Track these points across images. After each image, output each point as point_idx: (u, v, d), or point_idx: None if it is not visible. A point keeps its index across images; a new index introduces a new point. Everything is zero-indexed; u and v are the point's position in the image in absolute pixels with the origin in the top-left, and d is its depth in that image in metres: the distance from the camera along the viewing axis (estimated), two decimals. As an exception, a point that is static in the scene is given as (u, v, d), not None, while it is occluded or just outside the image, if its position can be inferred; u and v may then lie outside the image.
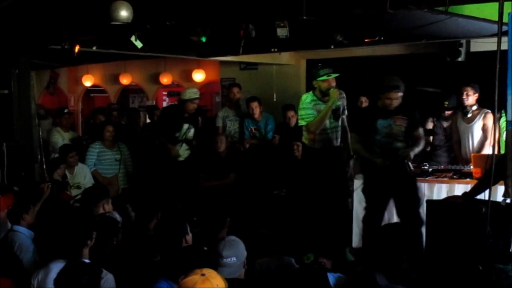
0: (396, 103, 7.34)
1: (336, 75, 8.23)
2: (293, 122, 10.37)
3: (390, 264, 5.11)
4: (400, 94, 7.32)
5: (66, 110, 11.33)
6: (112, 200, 6.78)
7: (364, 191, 7.86)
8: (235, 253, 4.97)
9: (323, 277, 4.70)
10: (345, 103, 8.43)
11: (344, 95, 8.39)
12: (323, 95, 8.18)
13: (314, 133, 8.14)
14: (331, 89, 8.10)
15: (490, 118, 8.69)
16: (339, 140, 8.41)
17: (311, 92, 8.32)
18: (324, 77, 8.15)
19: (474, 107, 8.84)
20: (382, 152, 7.45)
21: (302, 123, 8.23)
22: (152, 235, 5.98)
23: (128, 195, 9.13)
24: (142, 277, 4.80)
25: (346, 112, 8.49)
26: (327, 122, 8.20)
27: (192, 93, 9.85)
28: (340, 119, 8.37)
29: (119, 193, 9.59)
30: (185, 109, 9.82)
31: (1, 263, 5.15)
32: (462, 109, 8.94)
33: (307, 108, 8.17)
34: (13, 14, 7.30)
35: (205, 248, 5.17)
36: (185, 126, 9.83)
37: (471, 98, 8.79)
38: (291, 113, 10.37)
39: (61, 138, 10.60)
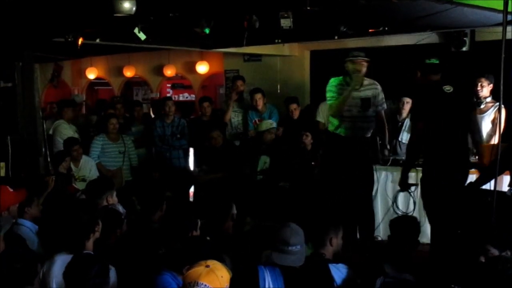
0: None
1: (366, 59, 8.03)
2: (296, 114, 10.38)
3: (398, 254, 5.12)
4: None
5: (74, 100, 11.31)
6: (116, 193, 6.78)
7: None
8: (300, 241, 4.86)
9: (325, 268, 4.69)
10: (381, 96, 8.15)
11: (379, 87, 8.15)
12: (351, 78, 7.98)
13: (336, 117, 7.92)
14: (356, 74, 7.90)
15: (503, 112, 8.51)
16: (369, 131, 8.12)
17: (341, 76, 8.09)
18: (352, 58, 7.97)
19: (488, 99, 8.68)
20: None
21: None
22: (158, 228, 5.98)
23: (132, 188, 9.13)
24: (145, 269, 4.80)
25: (384, 105, 8.21)
26: (355, 110, 7.91)
27: (268, 124, 9.78)
28: (372, 110, 8.04)
29: (123, 185, 9.59)
30: (263, 140, 9.74)
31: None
32: (475, 99, 8.81)
33: (331, 91, 7.97)
34: (17, 7, 7.29)
35: (208, 238, 5.16)
36: (263, 158, 9.67)
37: (485, 90, 8.64)
38: (293, 106, 10.37)
39: (71, 130, 10.58)
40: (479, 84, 8.66)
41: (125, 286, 4.73)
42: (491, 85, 8.64)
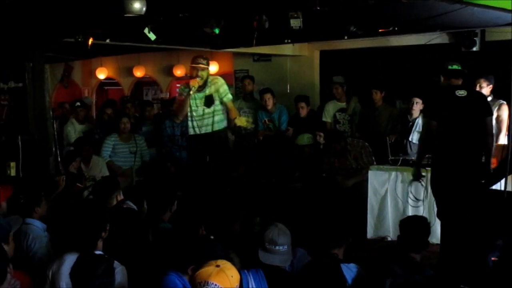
0: None
1: (203, 63, 8.69)
2: (303, 112, 10.47)
3: (408, 255, 5.11)
4: None
5: (77, 104, 11.37)
6: (127, 192, 6.80)
7: None
8: (287, 241, 4.89)
9: (337, 268, 4.68)
10: (222, 88, 8.61)
11: (220, 81, 8.66)
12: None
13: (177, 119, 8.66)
14: (194, 79, 8.59)
15: (504, 109, 8.59)
16: (215, 125, 8.59)
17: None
18: (194, 64, 8.64)
19: (489, 98, 8.70)
20: None
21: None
22: (166, 228, 6.00)
23: (142, 187, 9.13)
24: (152, 269, 4.80)
25: (229, 96, 8.72)
26: (201, 109, 8.52)
27: (310, 138, 9.89)
28: (216, 104, 8.57)
29: (133, 184, 9.61)
30: (303, 153, 9.90)
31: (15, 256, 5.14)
32: None
33: (179, 94, 8.72)
34: (27, 7, 7.31)
35: (212, 237, 5.16)
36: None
37: (484, 90, 8.64)
38: (301, 104, 10.49)
39: (73, 130, 10.62)
40: (478, 85, 8.67)
41: (133, 285, 4.75)
42: (491, 86, 8.65)
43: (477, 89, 8.64)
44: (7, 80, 8.91)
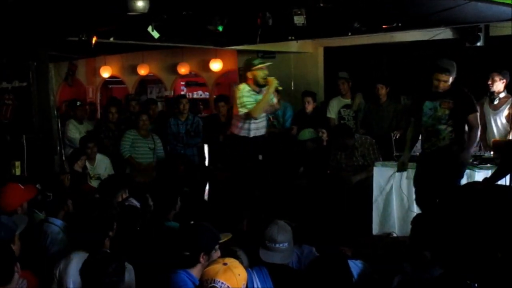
0: (443, 85, 7.16)
1: (270, 62, 8.59)
2: (308, 108, 10.47)
3: (417, 253, 5.10)
4: (448, 77, 7.13)
5: (78, 103, 11.35)
6: (135, 190, 6.80)
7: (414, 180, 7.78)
8: (287, 238, 4.89)
9: (344, 264, 4.69)
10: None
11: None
12: (258, 85, 8.27)
13: (255, 119, 8.28)
14: (270, 78, 8.26)
15: None
16: (264, 130, 8.60)
17: (244, 83, 8.33)
18: (261, 65, 8.26)
19: (502, 94, 8.64)
20: (427, 134, 7.40)
21: (243, 110, 8.22)
22: (171, 226, 6.00)
23: (148, 185, 9.15)
24: (161, 267, 4.80)
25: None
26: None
27: (311, 132, 9.85)
28: None
29: (153, 179, 9.62)
30: (305, 148, 9.85)
31: (27, 254, 5.15)
32: (489, 95, 8.76)
33: (248, 96, 8.22)
34: (31, 6, 7.32)
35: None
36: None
37: (495, 84, 8.58)
38: (307, 99, 10.48)
39: (77, 131, 10.59)
40: (490, 78, 8.64)
41: (140, 284, 4.75)
42: (504, 80, 8.59)
43: (489, 82, 8.63)
44: (12, 80, 8.92)
